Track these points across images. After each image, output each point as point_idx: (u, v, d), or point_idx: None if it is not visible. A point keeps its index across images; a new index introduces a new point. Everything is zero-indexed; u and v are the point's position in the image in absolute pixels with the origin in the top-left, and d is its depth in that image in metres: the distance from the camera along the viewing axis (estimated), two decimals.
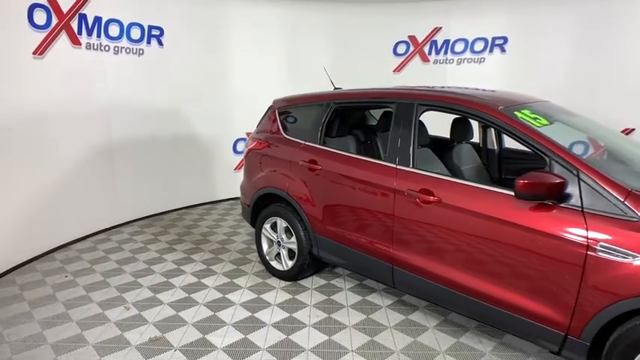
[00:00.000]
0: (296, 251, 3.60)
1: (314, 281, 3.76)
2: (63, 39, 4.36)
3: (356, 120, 4.34)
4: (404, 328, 3.04)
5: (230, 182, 6.28)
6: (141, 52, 5.23)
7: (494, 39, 6.51)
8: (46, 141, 4.28)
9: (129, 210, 5.35)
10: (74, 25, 4.45)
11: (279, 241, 3.75)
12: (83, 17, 4.54)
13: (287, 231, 3.66)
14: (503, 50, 6.50)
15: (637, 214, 2.00)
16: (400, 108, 2.96)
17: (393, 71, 7.04)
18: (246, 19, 6.07)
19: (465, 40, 6.68)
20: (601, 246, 2.04)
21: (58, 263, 4.16)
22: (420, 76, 6.85)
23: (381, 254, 2.98)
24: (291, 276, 3.69)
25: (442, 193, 2.61)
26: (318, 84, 4.37)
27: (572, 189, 2.18)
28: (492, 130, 3.87)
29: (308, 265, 3.59)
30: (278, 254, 3.80)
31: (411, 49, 6.92)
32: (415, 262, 2.79)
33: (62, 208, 4.49)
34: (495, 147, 3.86)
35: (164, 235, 4.93)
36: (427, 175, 2.72)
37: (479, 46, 6.62)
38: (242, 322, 3.12)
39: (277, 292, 3.56)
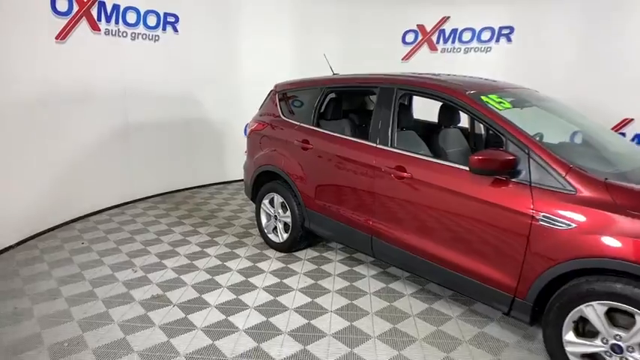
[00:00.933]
0: (290, 224, 3.90)
1: (307, 253, 4.06)
2: (83, 25, 4.71)
3: (356, 105, 4.56)
4: (382, 294, 3.31)
5: (241, 164, 6.54)
6: (157, 38, 5.56)
7: (500, 29, 6.60)
8: (68, 120, 4.66)
9: (143, 187, 5.74)
10: (94, 12, 4.80)
11: (275, 216, 4.05)
12: (102, 5, 4.89)
13: (283, 206, 3.96)
14: (509, 40, 6.59)
15: (574, 188, 2.22)
16: (382, 92, 3.20)
17: (402, 59, 7.21)
18: (258, 6, 6.33)
19: (473, 30, 6.79)
20: (543, 216, 2.27)
21: (77, 232, 4.57)
22: (427, 64, 7.01)
23: (362, 226, 3.25)
24: (286, 247, 3.99)
25: (413, 169, 2.86)
26: (326, 70, 4.57)
27: (522, 165, 2.40)
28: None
29: (301, 237, 3.89)
30: (275, 228, 4.10)
31: (420, 37, 7.07)
32: (389, 232, 3.06)
33: (81, 183, 4.89)
34: (483, 132, 4.04)
35: (175, 211, 5.30)
36: (402, 154, 2.97)
37: (486, 35, 6.72)
38: (236, 285, 3.44)
39: (272, 262, 3.88)
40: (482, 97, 2.75)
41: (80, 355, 2.55)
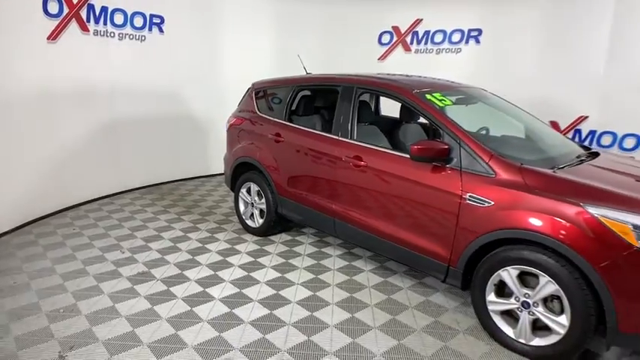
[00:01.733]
0: (265, 211, 4.29)
1: (282, 237, 4.46)
2: (73, 26, 5.05)
3: (328, 102, 4.94)
4: (345, 270, 3.72)
5: None
6: (143, 38, 5.90)
7: (469, 30, 7.02)
8: (58, 115, 4.99)
9: (131, 179, 6.09)
10: (83, 14, 5.14)
11: (252, 203, 4.44)
12: (91, 7, 5.22)
13: (258, 194, 4.35)
14: (477, 41, 7.02)
15: (495, 172, 2.65)
16: (343, 91, 3.61)
17: (378, 59, 7.62)
18: (239, 7, 6.70)
19: (444, 32, 7.21)
20: (469, 196, 2.69)
21: (69, 219, 4.92)
22: (402, 64, 7.44)
23: (326, 209, 3.66)
24: (262, 231, 4.39)
25: (368, 158, 3.28)
26: (300, 71, 4.94)
27: (455, 154, 2.82)
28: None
29: (275, 222, 4.29)
30: (252, 214, 4.50)
31: (395, 39, 7.48)
32: (348, 214, 3.47)
33: (72, 175, 5.23)
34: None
35: (161, 201, 5.67)
36: (359, 145, 3.38)
37: (456, 37, 7.14)
38: (215, 264, 3.83)
39: (248, 244, 4.27)
40: (427, 96, 3.17)
41: (74, 320, 2.93)
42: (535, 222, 2.43)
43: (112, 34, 5.55)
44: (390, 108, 4.82)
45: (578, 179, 2.53)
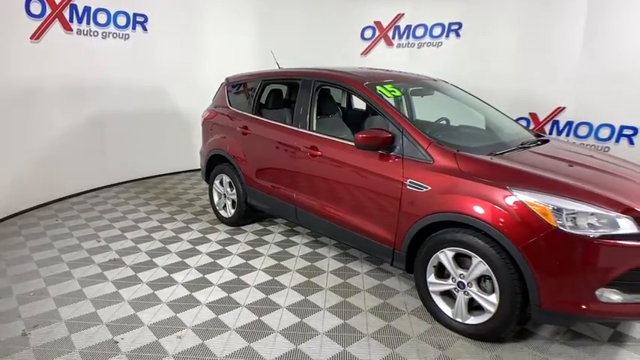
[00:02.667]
0: (236, 201, 4.45)
1: (254, 227, 4.61)
2: (56, 26, 5.22)
3: (295, 95, 5.05)
4: (308, 257, 3.87)
5: None
6: (127, 36, 6.06)
7: (450, 24, 7.10)
8: (44, 112, 5.17)
9: (117, 173, 6.27)
10: (66, 13, 5.31)
11: (224, 194, 4.60)
12: (74, 7, 5.39)
13: (230, 185, 4.50)
14: (458, 35, 7.10)
15: (432, 158, 2.77)
16: (303, 84, 3.75)
17: (361, 54, 7.73)
18: (221, 5, 6.85)
19: (425, 26, 7.30)
20: (409, 182, 2.82)
21: (53, 211, 5.11)
22: (384, 59, 7.55)
23: (288, 198, 3.80)
24: (234, 221, 4.55)
25: (323, 148, 3.41)
26: (287, 64, 4.99)
27: (398, 142, 2.95)
28: (404, 103, 4.57)
29: (245, 212, 4.43)
30: (225, 205, 4.65)
31: (377, 33, 7.58)
32: (308, 202, 3.61)
33: (58, 170, 5.42)
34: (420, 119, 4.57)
35: (144, 194, 5.84)
36: (316, 136, 3.52)
37: (437, 31, 7.23)
38: (184, 252, 3.99)
39: (220, 234, 4.43)
40: (378, 87, 3.30)
41: (42, 302, 3.10)
42: (466, 205, 2.55)
43: (96, 33, 5.71)
44: None
45: (508, 164, 2.65)
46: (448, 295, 2.81)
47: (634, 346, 2.63)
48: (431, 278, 2.82)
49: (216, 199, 4.72)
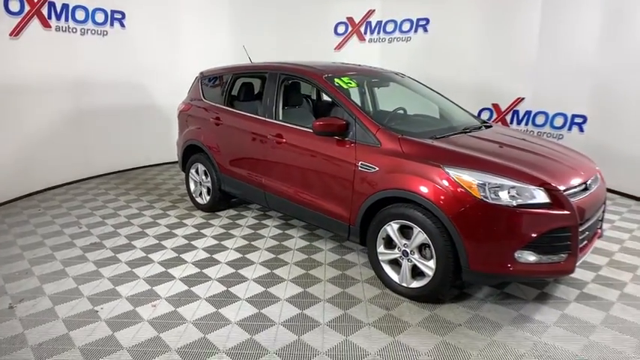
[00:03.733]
0: (211, 188, 4.74)
1: (229, 212, 4.91)
2: (35, 23, 5.42)
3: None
4: (277, 237, 4.18)
5: None
6: (105, 33, 6.28)
7: (418, 20, 7.44)
8: (23, 107, 5.37)
9: (100, 165, 6.50)
10: (44, 11, 5.51)
11: (200, 182, 4.88)
12: (52, 4, 5.59)
13: (205, 173, 4.79)
14: (425, 30, 7.44)
15: (380, 142, 3.11)
16: (270, 77, 4.05)
17: (334, 49, 8.03)
18: (197, 1, 7.09)
19: (395, 21, 7.63)
20: (361, 164, 3.16)
21: (36, 202, 5.34)
22: (357, 54, 7.85)
23: (258, 184, 4.11)
24: (209, 207, 4.84)
25: (287, 135, 3.73)
26: (262, 59, 5.25)
27: (352, 128, 3.27)
28: (367, 94, 4.88)
29: (219, 198, 4.73)
30: (201, 192, 4.94)
31: (349, 29, 7.89)
32: (275, 186, 3.93)
33: (39, 162, 5.63)
34: (371, 109, 4.90)
35: (124, 185, 6.09)
36: (281, 124, 3.83)
37: (406, 26, 7.56)
38: (161, 235, 4.27)
39: (196, 219, 4.71)
40: (336, 80, 3.62)
41: (26, 280, 3.37)
42: (407, 182, 2.90)
43: (74, 30, 5.92)
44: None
45: (444, 146, 3.00)
46: (396, 264, 3.15)
47: (554, 302, 3.01)
48: (380, 249, 3.16)
49: (192, 187, 5.00)
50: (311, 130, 3.51)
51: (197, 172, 4.89)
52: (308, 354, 2.49)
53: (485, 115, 7.14)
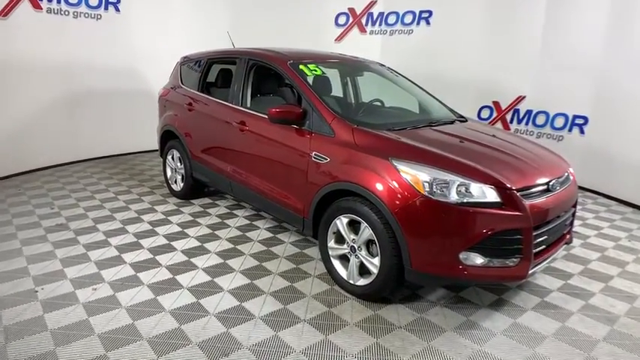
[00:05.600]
0: (184, 175, 4.68)
1: (203, 200, 4.84)
2: (25, 3, 5.44)
3: None
4: (243, 228, 4.09)
5: None
6: (99, 16, 6.27)
7: (421, 12, 7.23)
8: (13, 87, 5.40)
9: (91, 149, 6.53)
10: None
11: (175, 168, 4.82)
12: None
13: (180, 160, 4.73)
14: (428, 23, 7.22)
15: (334, 133, 2.97)
16: (239, 63, 3.95)
17: (335, 41, 7.88)
18: None
19: (397, 13, 7.43)
20: (314, 154, 3.03)
21: (18, 182, 5.37)
22: (358, 46, 7.69)
23: (224, 172, 4.02)
24: (182, 195, 4.78)
25: (249, 123, 3.62)
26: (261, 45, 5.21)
27: (309, 117, 3.14)
28: (350, 84, 4.71)
29: (193, 186, 4.66)
30: (176, 179, 4.88)
31: (350, 20, 7.72)
32: (239, 175, 3.83)
33: (28, 144, 5.67)
34: (353, 100, 4.75)
35: (111, 169, 6.10)
36: (244, 111, 3.72)
37: (408, 18, 7.35)
38: (127, 220, 4.22)
39: (168, 205, 4.66)
40: (300, 66, 3.49)
41: None
42: (355, 175, 2.76)
43: (67, 13, 5.93)
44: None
45: (397, 138, 2.84)
46: (346, 260, 3.01)
47: (509, 310, 2.83)
48: (331, 243, 3.03)
49: (169, 173, 4.96)
50: (261, 115, 3.41)
51: (173, 158, 4.83)
52: (232, 347, 2.39)
53: (485, 114, 6.90)
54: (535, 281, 3.20)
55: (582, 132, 5.78)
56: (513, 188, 2.50)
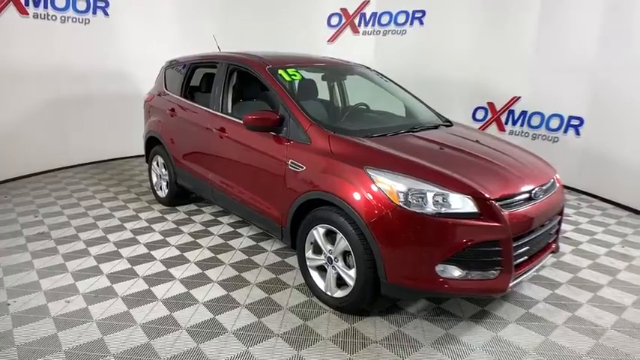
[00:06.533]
0: (168, 182, 4.61)
1: (188, 207, 4.77)
2: (11, 9, 5.40)
3: None
4: (226, 236, 4.01)
5: None
6: (87, 21, 6.22)
7: (414, 12, 7.13)
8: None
9: (78, 155, 6.47)
10: None
11: (160, 175, 4.76)
12: None
13: (164, 166, 4.66)
14: (421, 23, 7.13)
15: (311, 140, 2.89)
16: (219, 67, 3.87)
17: (327, 42, 7.79)
18: None
19: (390, 13, 7.34)
20: (291, 162, 2.95)
21: (5, 190, 5.33)
22: (350, 46, 7.61)
23: (205, 178, 3.95)
24: (167, 201, 4.72)
25: (229, 129, 3.54)
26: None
27: (286, 123, 3.06)
28: (336, 88, 4.64)
29: (177, 193, 4.59)
30: (161, 185, 4.81)
31: (343, 20, 7.63)
32: (219, 182, 3.76)
33: (16, 151, 5.63)
34: (340, 104, 4.67)
35: (100, 175, 6.04)
36: (224, 117, 3.65)
37: (401, 18, 7.26)
38: (110, 228, 4.16)
39: (152, 212, 4.59)
40: (279, 71, 3.41)
41: None
42: (329, 184, 2.68)
43: (54, 17, 5.88)
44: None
45: (373, 145, 2.76)
46: (324, 271, 2.93)
47: (491, 322, 2.74)
48: (309, 254, 2.95)
49: (154, 179, 4.89)
50: (238, 121, 3.33)
51: (157, 164, 4.76)
52: None
53: (480, 115, 6.80)
54: (521, 291, 3.10)
55: (578, 133, 5.67)
56: (491, 198, 2.41)
